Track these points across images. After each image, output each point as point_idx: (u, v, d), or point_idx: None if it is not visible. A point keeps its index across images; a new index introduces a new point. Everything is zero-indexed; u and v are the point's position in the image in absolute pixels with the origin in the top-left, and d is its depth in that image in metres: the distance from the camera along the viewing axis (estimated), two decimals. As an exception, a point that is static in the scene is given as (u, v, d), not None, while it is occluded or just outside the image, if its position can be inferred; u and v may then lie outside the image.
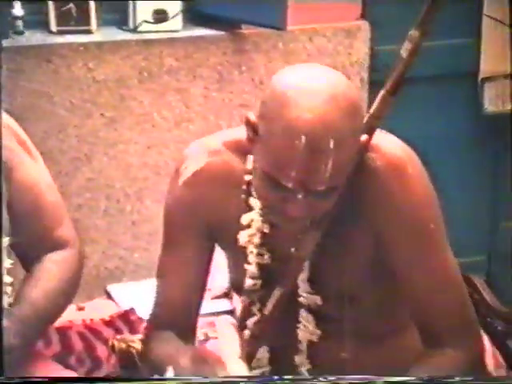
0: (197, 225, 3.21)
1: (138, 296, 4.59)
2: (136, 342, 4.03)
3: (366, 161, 2.96)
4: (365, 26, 5.00)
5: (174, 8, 4.97)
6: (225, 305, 4.24)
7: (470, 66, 5.11)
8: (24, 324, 3.25)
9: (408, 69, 2.92)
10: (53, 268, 3.49)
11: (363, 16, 5.07)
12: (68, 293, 3.51)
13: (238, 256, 3.17)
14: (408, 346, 3.15)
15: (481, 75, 5.07)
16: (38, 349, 3.86)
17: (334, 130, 2.71)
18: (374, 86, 4.74)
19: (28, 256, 3.49)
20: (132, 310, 4.44)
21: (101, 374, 4.03)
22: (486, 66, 5.04)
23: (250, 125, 2.84)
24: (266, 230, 3.08)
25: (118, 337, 4.17)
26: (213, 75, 4.85)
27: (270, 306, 3.10)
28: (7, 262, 3.37)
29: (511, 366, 3.93)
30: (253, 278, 3.14)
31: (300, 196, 2.79)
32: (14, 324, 3.21)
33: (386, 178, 2.95)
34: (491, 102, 5.10)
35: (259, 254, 3.12)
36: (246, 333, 3.21)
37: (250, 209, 3.10)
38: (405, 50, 2.89)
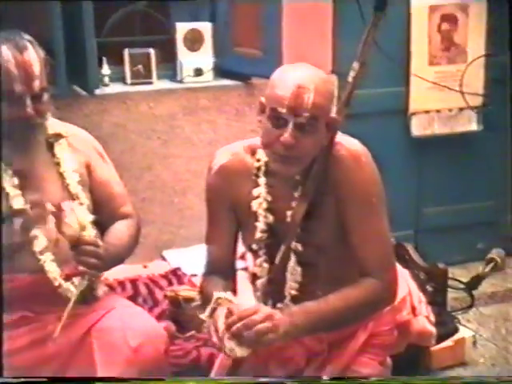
0: (223, 201, 3.31)
1: (183, 258, 4.64)
2: (181, 291, 4.03)
3: (334, 151, 3.09)
4: (334, 78, 4.96)
5: (207, 67, 5.05)
6: (240, 264, 4.21)
7: (404, 105, 5.14)
8: (106, 254, 3.31)
9: (354, 89, 3.13)
10: (122, 227, 3.60)
11: (333, 71, 5.02)
12: (131, 244, 3.61)
13: (250, 219, 3.25)
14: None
15: (410, 111, 5.14)
16: (117, 292, 3.90)
17: (314, 82, 2.93)
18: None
19: (105, 227, 3.56)
20: (179, 268, 4.58)
21: (158, 310, 4.02)
22: (413, 105, 5.11)
23: (261, 104, 3.05)
24: (270, 199, 3.19)
25: (169, 288, 4.25)
26: (232, 111, 4.90)
27: (278, 257, 3.18)
28: (92, 232, 3.40)
29: (429, 302, 3.95)
30: (261, 231, 3.23)
31: (291, 123, 2.94)
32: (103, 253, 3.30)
33: (346, 163, 3.08)
34: (416, 128, 5.18)
35: (265, 216, 3.21)
36: (262, 280, 3.30)
37: (258, 185, 3.21)
38: (350, 76, 3.13)
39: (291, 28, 4.74)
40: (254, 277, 3.36)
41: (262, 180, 3.21)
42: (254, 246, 3.29)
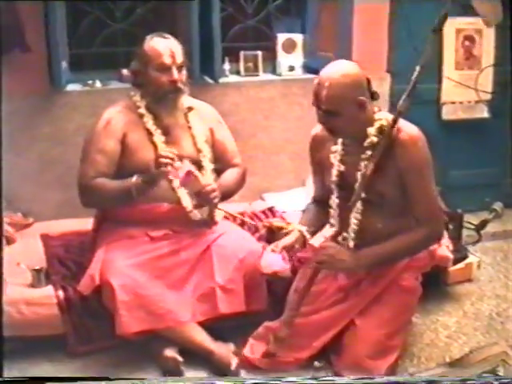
0: (316, 156, 3.34)
1: (277, 200, 4.60)
2: (274, 222, 3.99)
3: (397, 135, 3.04)
4: (388, 75, 4.93)
5: (298, 65, 4.94)
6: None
7: (438, 97, 5.05)
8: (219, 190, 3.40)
9: (415, 84, 3.01)
10: (232, 173, 3.62)
11: (387, 70, 4.96)
12: (237, 185, 3.67)
13: (329, 167, 3.24)
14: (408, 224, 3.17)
15: (441, 102, 5.07)
16: (230, 221, 3.88)
17: (329, 79, 2.95)
18: (391, 104, 4.72)
19: (221, 172, 3.59)
20: (273, 206, 4.47)
21: (258, 235, 3.93)
22: (443, 97, 5.05)
23: None
24: (342, 153, 3.20)
25: (266, 220, 4.14)
26: None
27: (353, 199, 3.12)
28: (212, 176, 3.51)
29: (449, 236, 3.99)
30: (335, 176, 3.22)
31: (320, 112, 3.01)
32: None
33: (407, 145, 3.05)
34: (445, 114, 5.11)
35: (338, 165, 3.21)
36: (334, 211, 3.28)
37: (336, 144, 3.22)
38: (414, 76, 3.00)
39: (358, 37, 4.63)
40: (330, 207, 3.33)
41: (339, 141, 3.21)
42: (331, 186, 3.27)
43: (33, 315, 3.31)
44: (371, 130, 3.09)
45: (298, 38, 4.97)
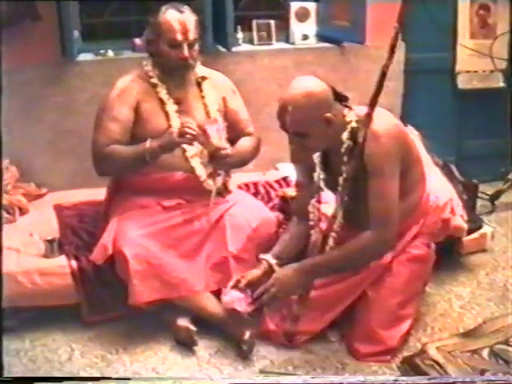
0: (301, 160, 3.28)
1: (291, 169, 4.50)
2: (288, 192, 3.96)
3: (367, 132, 2.90)
4: (402, 44, 4.80)
5: (312, 33, 4.87)
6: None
7: (453, 66, 4.99)
8: (232, 155, 3.37)
9: (396, 40, 2.87)
10: (245, 141, 3.59)
11: (402, 39, 4.79)
12: (251, 152, 3.61)
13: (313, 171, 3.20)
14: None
15: (456, 71, 5.00)
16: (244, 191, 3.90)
17: (292, 102, 2.84)
18: (405, 72, 4.76)
19: (234, 142, 3.54)
20: (287, 176, 4.42)
21: (271, 204, 3.95)
22: (458, 67, 4.99)
23: None
24: (322, 160, 3.15)
25: (280, 190, 4.14)
26: (329, 65, 4.73)
27: (337, 204, 3.05)
28: (226, 145, 3.42)
29: (464, 206, 3.85)
30: (318, 181, 3.17)
31: (289, 135, 2.96)
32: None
33: (370, 139, 2.89)
34: (461, 83, 5.04)
35: (321, 170, 3.16)
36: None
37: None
38: (393, 35, 2.87)
39: (372, 5, 4.49)
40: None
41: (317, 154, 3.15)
42: (316, 188, 3.21)
43: (46, 285, 3.31)
44: (344, 136, 2.98)
45: (311, 6, 4.89)
